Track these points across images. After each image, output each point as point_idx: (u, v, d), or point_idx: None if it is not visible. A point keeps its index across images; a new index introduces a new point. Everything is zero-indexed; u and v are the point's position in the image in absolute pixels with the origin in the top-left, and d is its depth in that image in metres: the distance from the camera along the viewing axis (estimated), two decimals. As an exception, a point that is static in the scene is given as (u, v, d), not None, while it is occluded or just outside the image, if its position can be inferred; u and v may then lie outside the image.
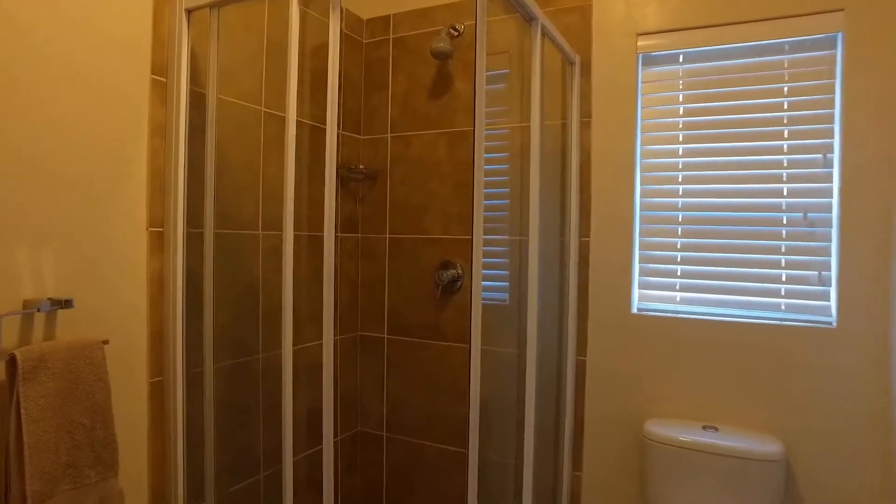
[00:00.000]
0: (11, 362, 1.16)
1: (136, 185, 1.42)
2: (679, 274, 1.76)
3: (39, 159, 1.23)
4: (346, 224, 2.18)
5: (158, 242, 1.47)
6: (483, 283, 1.32)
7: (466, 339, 2.02)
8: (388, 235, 2.19)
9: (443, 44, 1.98)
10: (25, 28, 1.20)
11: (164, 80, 1.47)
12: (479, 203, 1.23)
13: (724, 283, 1.71)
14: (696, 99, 1.75)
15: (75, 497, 1.24)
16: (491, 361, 1.32)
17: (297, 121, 1.91)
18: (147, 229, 1.45)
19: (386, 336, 2.20)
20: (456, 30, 2.03)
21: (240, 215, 1.72)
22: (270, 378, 1.83)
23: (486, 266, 2.00)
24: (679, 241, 1.77)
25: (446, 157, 2.08)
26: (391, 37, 2.21)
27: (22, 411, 1.15)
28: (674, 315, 1.75)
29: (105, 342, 1.31)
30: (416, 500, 2.17)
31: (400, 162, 2.18)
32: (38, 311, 1.22)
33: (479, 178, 1.24)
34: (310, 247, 1.96)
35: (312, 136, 1.98)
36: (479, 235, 1.22)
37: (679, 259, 1.77)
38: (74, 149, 1.29)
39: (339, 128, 2.17)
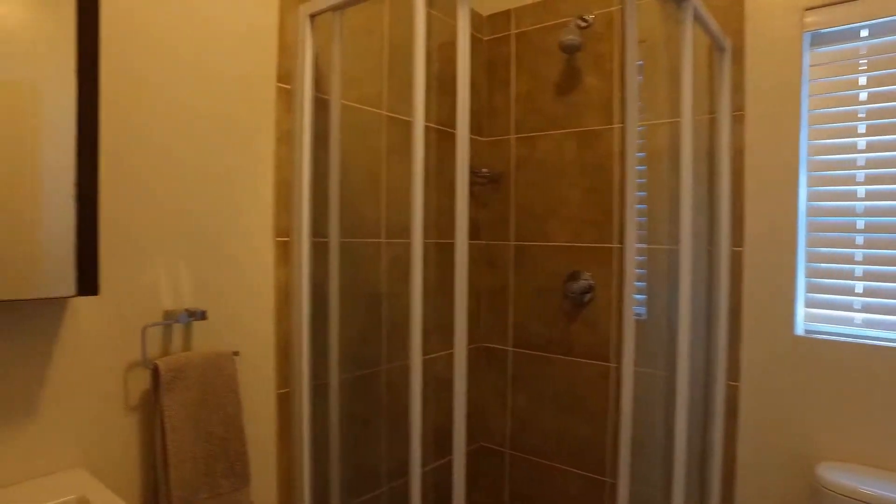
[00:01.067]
0: (155, 372, 1.19)
1: (263, 194, 1.43)
2: (859, 291, 1.49)
3: (175, 173, 1.26)
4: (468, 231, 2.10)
5: (284, 252, 1.48)
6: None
7: (597, 355, 1.87)
8: (512, 242, 2.08)
9: (571, 36, 1.83)
10: (161, 38, 1.23)
11: (289, 87, 1.47)
12: (632, 209, 1.09)
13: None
14: (886, 81, 1.47)
15: (210, 506, 1.26)
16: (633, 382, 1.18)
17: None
18: (274, 239, 1.45)
19: (510, 349, 2.10)
20: (585, 20, 1.87)
21: (362, 223, 1.70)
22: (393, 390, 1.80)
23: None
24: (859, 252, 1.49)
25: (575, 159, 1.93)
26: (513, 32, 2.10)
27: (165, 420, 1.18)
28: (853, 340, 1.48)
29: (236, 353, 1.32)
30: (540, 523, 2.05)
31: (525, 164, 2.06)
32: (177, 322, 1.25)
33: (631, 180, 1.10)
34: (434, 255, 1.90)
35: (435, 139, 1.92)
36: (631, 243, 1.09)
37: (860, 274, 1.49)
38: (207, 161, 1.32)
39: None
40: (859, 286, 1.49)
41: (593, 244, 1.88)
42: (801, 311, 1.56)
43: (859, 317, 1.49)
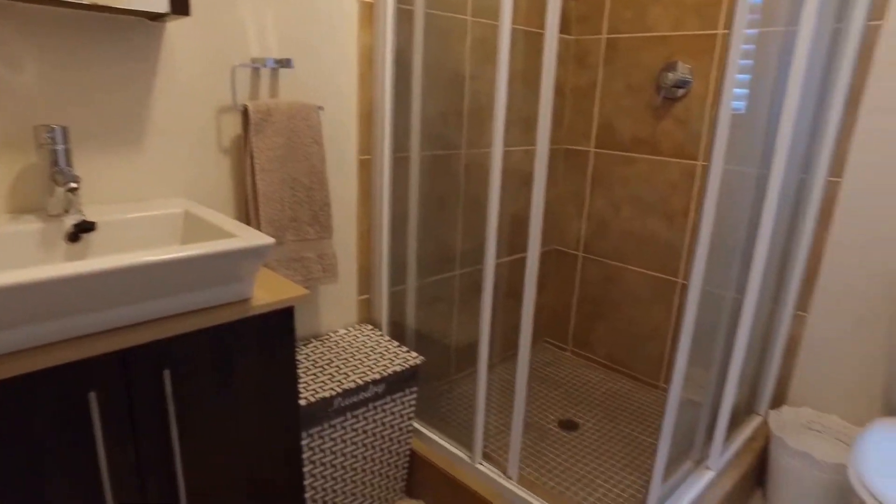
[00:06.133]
0: (245, 113, 1.24)
1: (348, -53, 1.36)
2: None
3: None
4: (557, 22, 1.96)
5: (368, 15, 1.43)
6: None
7: (686, 153, 1.78)
8: (604, 36, 1.93)
9: None
10: None
11: None
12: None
13: None
14: None
15: (298, 248, 1.36)
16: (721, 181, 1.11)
17: None
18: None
19: (592, 150, 2.03)
20: None
21: (448, -5, 1.61)
22: (472, 177, 1.81)
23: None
24: None
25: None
26: None
27: (255, 160, 1.25)
28: None
29: (320, 108, 1.35)
30: (608, 325, 2.11)
31: (628, -56, 1.84)
32: (264, 66, 1.27)
33: None
34: (521, 43, 1.80)
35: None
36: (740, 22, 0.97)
37: None
38: None
39: None
40: None
41: (695, 32, 1.71)
42: (934, 98, 1.39)
43: None
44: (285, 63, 1.28)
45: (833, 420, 1.61)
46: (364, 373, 1.39)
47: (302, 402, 1.25)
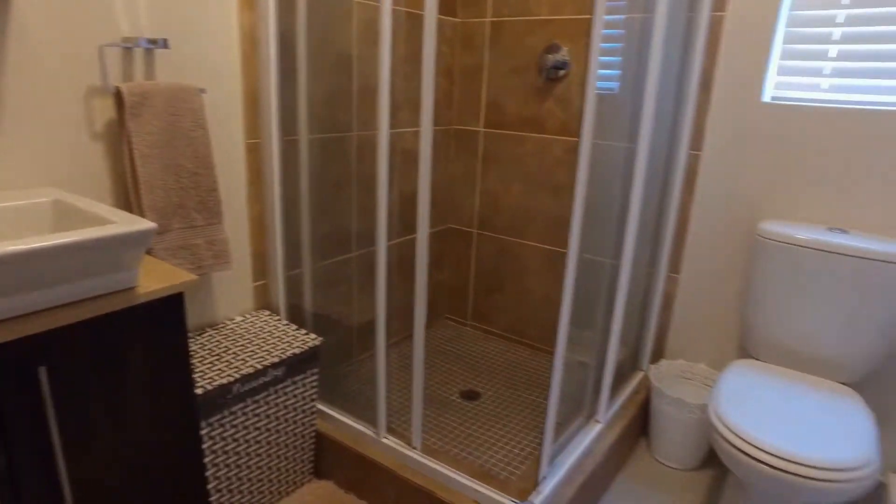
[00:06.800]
0: (118, 96, 1.18)
1: (222, -78, 1.32)
2: (833, 56, 1.48)
3: None
4: (443, 6, 2.00)
5: (249, -6, 1.40)
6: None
7: (568, 131, 1.89)
8: (489, 19, 2.00)
9: None
10: None
11: None
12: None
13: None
14: None
15: (186, 236, 1.32)
16: (596, 156, 1.20)
17: None
18: (237, -23, 1.37)
19: (482, 130, 2.10)
20: None
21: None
22: (364, 158, 1.82)
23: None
24: (843, 14, 1.46)
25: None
26: None
27: (133, 147, 1.19)
28: (817, 104, 1.50)
29: (202, 90, 1.30)
30: (504, 298, 2.21)
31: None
32: (137, 46, 1.21)
33: None
34: (407, 25, 1.82)
35: None
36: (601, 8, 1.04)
37: (837, 37, 1.47)
38: None
39: None
40: (833, 50, 1.48)
41: (574, 16, 1.81)
42: (771, 78, 1.57)
43: (827, 82, 1.50)
44: (160, 43, 1.23)
45: (701, 368, 1.81)
46: (262, 357, 1.38)
47: (198, 391, 1.22)
